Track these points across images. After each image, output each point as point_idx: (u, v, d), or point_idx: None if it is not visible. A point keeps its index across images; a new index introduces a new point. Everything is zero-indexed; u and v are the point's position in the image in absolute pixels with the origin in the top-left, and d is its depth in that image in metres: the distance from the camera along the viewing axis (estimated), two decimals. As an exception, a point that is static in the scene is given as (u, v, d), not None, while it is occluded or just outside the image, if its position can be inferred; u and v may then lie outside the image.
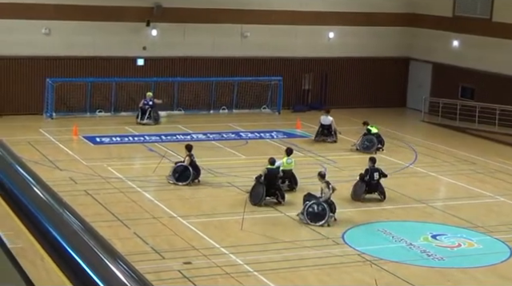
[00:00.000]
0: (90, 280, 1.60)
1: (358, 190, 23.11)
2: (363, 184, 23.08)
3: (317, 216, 20.55)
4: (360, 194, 23.01)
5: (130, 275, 1.61)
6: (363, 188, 23.03)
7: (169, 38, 35.42)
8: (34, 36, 33.39)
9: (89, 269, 1.63)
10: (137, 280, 1.59)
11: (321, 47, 38.13)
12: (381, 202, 22.90)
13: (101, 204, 21.36)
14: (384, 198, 23.19)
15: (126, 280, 1.59)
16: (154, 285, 1.60)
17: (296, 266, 17.50)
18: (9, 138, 26.17)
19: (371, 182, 23.07)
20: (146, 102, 32.57)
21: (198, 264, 17.32)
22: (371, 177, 23.06)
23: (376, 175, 23.13)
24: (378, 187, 23.26)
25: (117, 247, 1.52)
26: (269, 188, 22.20)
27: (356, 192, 23.11)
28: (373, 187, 23.14)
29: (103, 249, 1.69)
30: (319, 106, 37.78)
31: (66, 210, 1.89)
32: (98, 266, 1.64)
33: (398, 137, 32.49)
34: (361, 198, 22.96)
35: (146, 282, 1.57)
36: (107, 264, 1.64)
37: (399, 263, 18.00)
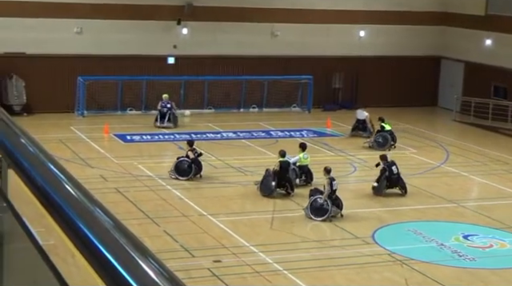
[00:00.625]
0: (121, 276, 1.60)
1: (379, 186, 23.20)
2: (384, 180, 23.19)
3: (320, 210, 20.65)
4: (381, 190, 23.12)
5: (161, 273, 1.60)
6: (384, 184, 23.14)
7: (199, 37, 35.50)
8: (66, 35, 33.64)
9: (119, 266, 1.62)
10: (168, 278, 1.59)
11: (352, 46, 37.99)
12: (409, 201, 22.75)
13: (131, 201, 21.46)
14: (405, 192, 23.27)
15: (157, 277, 1.59)
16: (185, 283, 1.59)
17: (325, 265, 17.46)
18: (40, 136, 26.37)
19: (391, 177, 23.19)
20: (163, 105, 31.76)
21: (228, 262, 17.34)
22: (390, 172, 23.18)
23: (394, 169, 23.28)
24: (399, 181, 23.35)
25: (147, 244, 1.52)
26: (280, 180, 22.61)
27: (377, 188, 23.20)
28: (393, 182, 23.27)
29: (134, 247, 1.69)
30: (349, 105, 37.69)
31: (97, 207, 1.89)
32: (128, 263, 1.63)
33: (429, 137, 32.28)
34: (382, 193, 23.06)
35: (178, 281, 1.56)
36: (138, 261, 1.63)
37: (430, 263, 17.88)
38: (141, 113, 34.46)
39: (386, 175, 23.21)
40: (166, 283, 1.55)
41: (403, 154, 28.83)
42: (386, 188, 23.16)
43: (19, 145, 2.50)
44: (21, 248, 2.62)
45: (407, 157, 28.41)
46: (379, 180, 23.31)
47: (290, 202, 22.16)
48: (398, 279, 16.77)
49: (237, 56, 36.07)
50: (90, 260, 1.70)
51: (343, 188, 24.20)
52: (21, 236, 2.44)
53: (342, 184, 24.52)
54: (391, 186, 23.25)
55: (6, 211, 2.75)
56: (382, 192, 23.11)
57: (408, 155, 28.83)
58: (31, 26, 32.86)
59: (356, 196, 23.57)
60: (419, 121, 35.08)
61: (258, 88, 36.43)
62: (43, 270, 2.14)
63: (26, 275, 2.68)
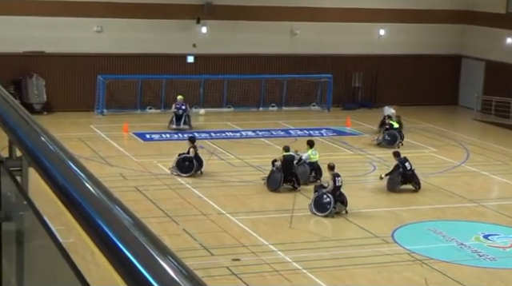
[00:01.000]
0: (140, 275, 1.60)
1: (393, 181, 23.36)
2: (399, 176, 23.32)
3: (322, 206, 20.77)
4: (396, 185, 23.28)
5: (180, 271, 1.60)
6: (399, 180, 23.30)
7: (218, 36, 35.54)
8: (86, 33, 33.79)
9: (139, 264, 1.63)
10: (187, 276, 1.59)
11: (371, 44, 37.88)
12: (429, 200, 22.67)
13: (150, 200, 21.53)
14: (419, 188, 23.37)
15: (177, 276, 1.59)
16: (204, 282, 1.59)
17: (345, 264, 17.43)
18: (60, 134, 26.51)
19: (406, 173, 23.31)
20: (178, 106, 31.06)
21: (247, 260, 17.35)
22: (404, 168, 23.32)
23: (408, 165, 23.39)
24: (414, 177, 23.45)
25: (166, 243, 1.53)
26: (285, 174, 22.89)
27: (391, 184, 23.36)
28: (408, 177, 23.39)
29: (153, 245, 1.69)
30: (369, 104, 37.61)
31: (117, 206, 1.90)
32: (148, 261, 1.64)
33: (449, 136, 32.14)
34: (396, 189, 23.22)
35: (197, 279, 1.56)
36: (157, 259, 1.64)
37: (450, 263, 17.80)
38: (160, 111, 34.54)
39: (400, 171, 23.31)
40: (185, 281, 1.55)
41: (423, 153, 28.74)
42: (400, 184, 23.31)
43: (39, 144, 2.51)
44: (41, 246, 2.63)
45: (427, 156, 28.31)
46: (390, 174, 23.43)
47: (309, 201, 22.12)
48: (418, 278, 16.71)
49: (256, 54, 36.07)
50: (109, 258, 1.70)
51: (363, 187, 24.19)
52: (41, 233, 2.45)
53: (361, 182, 24.53)
54: (405, 182, 23.36)
55: (27, 209, 2.76)
56: (397, 188, 23.25)
57: (428, 154, 28.72)
58: (51, 25, 33.03)
59: (375, 194, 23.51)
60: (439, 119, 34.94)
61: (278, 87, 36.42)
62: (63, 268, 2.15)
63: (46, 272, 2.69)
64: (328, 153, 27.85)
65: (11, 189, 2.98)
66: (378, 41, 38.16)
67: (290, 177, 23.03)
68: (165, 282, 1.56)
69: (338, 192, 21.05)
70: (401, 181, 23.32)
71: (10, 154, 3.01)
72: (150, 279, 1.57)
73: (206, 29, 35.43)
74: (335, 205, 20.81)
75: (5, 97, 3.23)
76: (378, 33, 38.09)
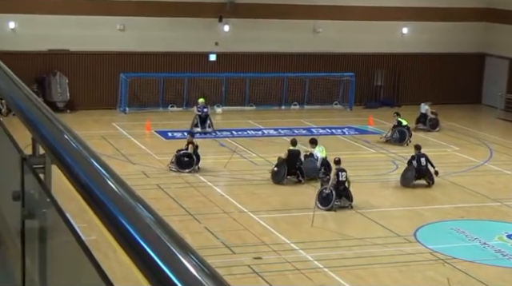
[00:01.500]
0: (162, 272, 1.60)
1: (407, 176, 23.56)
2: (413, 171, 23.50)
3: (325, 200, 21.04)
4: (410, 180, 23.45)
5: (202, 269, 1.60)
6: (413, 175, 23.47)
7: (241, 34, 35.55)
8: (109, 32, 33.92)
9: (160, 262, 1.63)
10: (209, 274, 1.59)
11: (394, 43, 37.74)
12: (451, 199, 22.55)
13: (172, 198, 21.58)
14: (432, 183, 23.55)
15: (198, 274, 1.59)
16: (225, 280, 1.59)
17: (367, 263, 17.38)
18: (83, 132, 26.63)
19: (420, 168, 23.49)
20: (200, 109, 30.28)
21: (268, 259, 17.35)
22: (419, 163, 23.51)
23: (423, 160, 23.58)
24: (427, 173, 23.58)
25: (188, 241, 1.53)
26: (290, 167, 23.40)
27: (405, 179, 23.57)
28: (422, 173, 23.56)
29: (175, 243, 1.69)
30: (391, 103, 37.47)
31: (139, 203, 1.90)
32: (169, 259, 1.64)
33: (472, 134, 31.95)
34: (410, 184, 23.41)
35: (219, 277, 1.56)
36: (179, 257, 1.64)
37: (473, 262, 17.69)
38: (182, 109, 34.61)
39: (414, 166, 23.51)
40: (207, 279, 1.55)
41: (446, 152, 28.59)
42: (414, 180, 23.52)
43: (62, 141, 2.52)
44: (64, 243, 2.64)
45: (450, 155, 28.16)
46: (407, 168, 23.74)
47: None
48: (441, 278, 16.63)
49: (278, 53, 36.04)
50: (131, 256, 1.71)
51: (385, 186, 24.11)
52: (64, 231, 2.46)
53: (383, 181, 24.44)
54: (419, 177, 23.56)
55: (50, 206, 2.77)
56: (411, 183, 23.46)
57: (451, 153, 28.57)
58: (75, 24, 33.20)
59: (398, 193, 23.44)
60: (462, 118, 34.73)
61: (300, 85, 36.38)
62: (85, 265, 2.16)
63: (69, 269, 2.70)
64: (350, 152, 27.79)
65: (34, 187, 2.99)
66: (401, 40, 38.01)
67: (294, 170, 23.53)
68: (187, 280, 1.56)
69: (342, 187, 21.24)
70: (415, 176, 23.54)
71: (33, 152, 3.03)
72: (172, 277, 1.57)
73: (228, 28, 35.45)
74: (339, 200, 21.03)
75: (28, 96, 3.25)
76: (400, 31, 37.93)
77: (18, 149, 3.26)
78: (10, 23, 32.89)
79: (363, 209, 21.18)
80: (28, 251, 3.13)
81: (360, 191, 23.00)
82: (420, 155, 23.80)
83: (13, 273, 3.57)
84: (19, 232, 3.15)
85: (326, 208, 20.94)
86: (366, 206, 21.49)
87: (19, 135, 3.65)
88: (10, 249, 3.86)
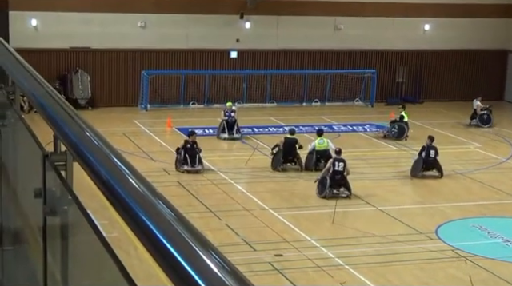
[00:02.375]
0: (183, 269, 1.60)
1: (415, 167, 23.93)
2: (420, 161, 23.87)
3: (323, 188, 21.57)
4: (417, 171, 23.78)
5: (223, 266, 1.60)
6: (420, 165, 23.80)
7: (262, 31, 35.54)
8: (130, 29, 34.04)
9: (181, 259, 1.63)
10: (230, 271, 1.58)
11: (416, 39, 37.58)
12: (473, 196, 22.43)
13: (193, 195, 21.62)
14: (441, 175, 23.81)
15: (219, 271, 1.58)
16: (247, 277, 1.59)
17: (389, 260, 17.33)
18: (105, 129, 26.74)
19: (428, 159, 23.85)
20: (228, 114, 29.02)
21: (289, 256, 17.34)
22: (427, 155, 23.86)
23: (432, 153, 23.91)
24: (436, 164, 23.89)
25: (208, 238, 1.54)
26: (286, 155, 24.39)
27: (413, 169, 23.93)
28: (429, 164, 23.93)
29: (196, 240, 1.69)
30: (413, 99, 37.34)
31: (160, 200, 1.90)
32: (190, 256, 1.64)
33: (494, 131, 31.75)
34: (418, 175, 23.76)
35: (240, 274, 1.55)
36: (200, 254, 1.63)
37: (495, 260, 17.58)
38: (203, 106, 34.67)
39: (422, 158, 23.83)
40: (228, 276, 1.54)
41: (468, 149, 28.44)
42: (422, 170, 23.83)
43: (84, 139, 2.53)
44: (85, 241, 2.65)
45: (472, 152, 28.01)
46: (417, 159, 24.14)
47: (353, 197, 22.05)
48: (462, 275, 16.54)
49: (299, 50, 36.00)
50: (152, 253, 1.71)
51: (406, 183, 24.02)
52: (85, 228, 2.47)
53: (405, 178, 24.34)
54: (427, 168, 23.90)
55: (71, 203, 2.78)
56: (419, 174, 23.82)
57: (473, 150, 28.42)
58: (96, 21, 33.35)
59: (419, 191, 23.34)
60: (484, 115, 34.48)
61: (321, 82, 36.32)
62: (107, 262, 2.16)
63: (90, 266, 2.71)
64: (371, 149, 27.73)
65: (56, 184, 3.00)
66: (423, 36, 37.84)
67: (290, 158, 24.50)
68: (208, 277, 1.56)
69: (339, 176, 21.57)
70: (422, 167, 23.86)
71: (54, 149, 3.04)
72: (193, 274, 1.57)
73: (250, 25, 35.46)
74: (333, 189, 21.45)
75: (50, 93, 3.26)
76: (422, 27, 37.76)
77: (40, 146, 3.27)
78: (33, 21, 33.10)
79: (384, 206, 21.12)
80: (50, 248, 3.14)
81: (381, 188, 22.98)
82: (430, 147, 24.06)
83: (35, 271, 3.59)
84: (41, 230, 3.16)
85: (321, 196, 21.39)
86: (387, 203, 21.42)
87: (41, 132, 3.66)
88: (32, 247, 3.88)
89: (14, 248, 4.61)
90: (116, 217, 1.95)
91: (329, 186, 21.50)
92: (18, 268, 4.38)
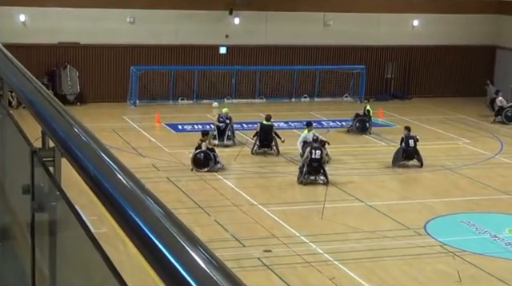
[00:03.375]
0: (170, 265, 1.60)
1: (396, 157, 24.62)
2: (400, 151, 24.66)
3: (300, 174, 22.54)
4: (398, 160, 24.51)
5: (210, 262, 1.61)
6: (400, 155, 24.56)
7: (251, 27, 35.52)
8: (119, 25, 33.95)
9: (169, 255, 1.63)
10: (217, 267, 1.59)
11: (405, 35, 37.64)
12: (462, 192, 22.51)
13: (182, 191, 21.60)
14: (421, 165, 24.57)
15: (207, 267, 1.59)
16: (235, 272, 1.59)
17: (377, 256, 17.37)
18: (93, 125, 26.70)
19: (408, 149, 24.63)
20: (222, 120, 27.43)
21: (278, 252, 17.36)
22: (407, 144, 24.65)
23: (411, 142, 24.69)
24: (415, 154, 24.67)
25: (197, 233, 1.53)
26: (262, 140, 25.71)
27: (395, 159, 24.58)
28: (410, 153, 24.66)
29: (184, 236, 1.70)
30: (401, 95, 37.42)
31: (149, 197, 1.90)
32: (178, 252, 1.64)
33: (483, 127, 31.85)
34: (397, 164, 24.48)
35: (227, 270, 1.56)
36: (188, 250, 1.64)
37: (483, 255, 17.65)
38: (192, 102, 34.64)
39: (403, 147, 24.53)
40: (215, 272, 1.55)
41: (457, 145, 28.53)
42: (402, 160, 24.53)
43: (72, 134, 2.53)
44: (73, 236, 2.65)
45: (461, 148, 28.10)
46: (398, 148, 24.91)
47: (342, 192, 22.10)
48: (451, 271, 16.60)
49: (288, 45, 36.00)
50: (140, 249, 1.71)
51: (395, 179, 24.08)
52: (73, 224, 2.47)
53: (393, 174, 24.39)
54: (408, 158, 24.61)
55: (59, 199, 2.78)
56: (398, 163, 24.49)
57: (462, 145, 28.50)
58: (85, 16, 33.24)
59: (408, 186, 23.40)
60: (473, 111, 34.62)
61: (310, 78, 36.34)
62: (95, 258, 2.16)
63: (78, 262, 2.71)
64: (360, 145, 27.78)
65: (44, 180, 3.00)
66: (412, 32, 37.90)
67: (266, 143, 25.75)
68: (195, 273, 1.56)
69: (316, 164, 22.29)
70: (402, 156, 24.56)
71: (42, 145, 3.03)
72: (181, 269, 1.57)
73: (239, 20, 35.43)
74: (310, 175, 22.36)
75: (38, 88, 3.25)
76: (411, 24, 37.82)
77: (28, 142, 3.26)
78: (21, 16, 32.97)
79: (373, 202, 21.17)
80: (38, 244, 3.14)
81: (370, 184, 23.03)
82: (408, 136, 24.81)
83: (23, 266, 3.59)
84: (29, 226, 3.16)
85: (298, 182, 22.35)
86: (376, 199, 21.48)
87: (29, 128, 3.65)
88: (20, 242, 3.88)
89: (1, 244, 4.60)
90: (105, 213, 1.96)
91: (306, 173, 22.24)
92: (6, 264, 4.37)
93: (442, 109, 34.89)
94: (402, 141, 24.93)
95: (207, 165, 23.64)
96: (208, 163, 23.67)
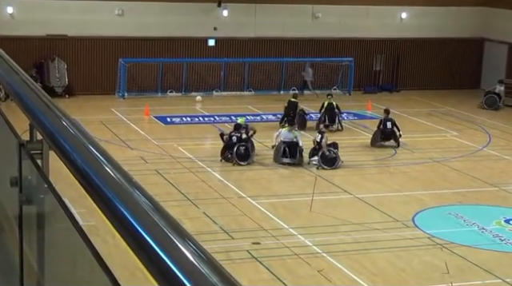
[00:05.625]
0: (159, 258, 1.61)
1: (374, 138, 26.19)
2: (379, 133, 26.20)
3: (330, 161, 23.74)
4: (377, 141, 26.04)
5: (198, 255, 1.61)
6: (379, 136, 26.12)
7: (240, 19, 35.46)
8: (108, 17, 33.83)
9: (158, 248, 1.64)
10: (206, 260, 1.59)
11: (393, 28, 37.67)
12: (450, 184, 22.59)
13: (171, 183, 21.59)
14: (398, 145, 26.01)
15: (195, 259, 1.59)
16: (223, 265, 1.59)
17: (365, 248, 17.42)
18: (82, 117, 26.64)
19: (385, 130, 26.16)
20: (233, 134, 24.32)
21: (267, 244, 17.38)
22: (384, 126, 26.22)
23: (389, 124, 26.26)
24: (392, 136, 26.15)
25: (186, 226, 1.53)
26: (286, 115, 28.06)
27: (373, 140, 26.26)
28: (387, 135, 26.21)
29: (173, 229, 1.70)
30: (390, 88, 37.47)
31: (137, 189, 1.90)
32: (167, 245, 1.65)
33: (471, 120, 31.95)
34: (377, 145, 25.98)
35: (215, 262, 1.56)
36: (176, 243, 1.64)
37: (471, 247, 17.74)
38: (181, 95, 34.60)
39: (380, 128, 26.08)
40: (203, 264, 1.55)
41: (445, 137, 28.61)
42: (380, 141, 26.11)
43: (60, 127, 2.52)
44: (61, 229, 2.65)
45: (449, 140, 28.18)
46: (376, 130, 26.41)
47: (331, 185, 22.15)
48: (438, 262, 16.68)
49: (277, 38, 35.97)
50: (128, 241, 1.71)
51: (384, 171, 24.15)
52: (61, 217, 2.47)
53: (382, 167, 24.46)
54: (385, 139, 26.18)
55: (47, 192, 2.77)
56: (377, 143, 26.07)
57: (450, 138, 28.58)
58: (73, 9, 33.11)
59: (396, 179, 23.47)
60: (461, 103, 34.71)
61: (299, 70, 36.33)
62: (83, 251, 2.16)
63: (66, 255, 2.71)
64: (349, 137, 27.80)
65: (32, 172, 2.99)
66: (400, 25, 37.93)
67: (290, 117, 27.56)
68: (184, 265, 1.56)
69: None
70: (380, 138, 26.18)
71: (30, 137, 3.02)
72: (169, 262, 1.57)
73: (227, 13, 35.36)
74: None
75: (26, 81, 3.24)
76: (399, 16, 37.85)
77: (16, 135, 3.25)
78: (9, 8, 32.81)
79: (362, 194, 21.22)
80: (26, 237, 3.13)
81: (359, 176, 23.07)
82: (387, 119, 26.39)
83: (11, 259, 3.58)
84: (17, 218, 3.15)
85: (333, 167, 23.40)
86: (364, 191, 21.52)
87: (17, 120, 3.64)
88: (8, 235, 3.87)
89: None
90: (94, 206, 1.96)
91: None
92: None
93: (431, 102, 34.97)
94: (381, 123, 26.35)
95: (247, 158, 23.71)
96: (248, 156, 23.73)
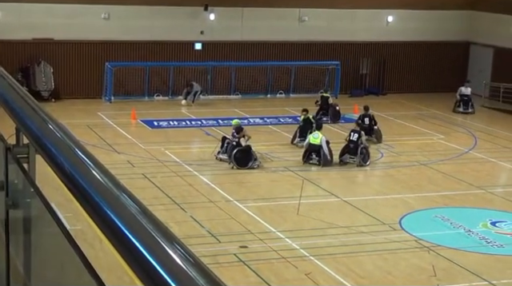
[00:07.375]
0: (146, 262, 1.60)
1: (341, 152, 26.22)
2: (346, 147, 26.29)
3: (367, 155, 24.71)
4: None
5: (186, 258, 1.61)
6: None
7: (226, 23, 35.48)
8: (94, 20, 33.77)
9: (145, 252, 1.63)
10: (193, 263, 1.59)
11: (379, 31, 37.78)
12: (436, 187, 22.65)
13: (158, 187, 21.55)
14: (378, 142, 27.13)
15: (183, 263, 1.59)
16: (211, 268, 1.59)
17: (353, 251, 17.44)
18: (68, 121, 26.57)
19: (363, 126, 26.61)
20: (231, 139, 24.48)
21: (254, 248, 17.38)
22: (362, 121, 27.11)
23: (366, 120, 27.37)
24: (371, 132, 26.99)
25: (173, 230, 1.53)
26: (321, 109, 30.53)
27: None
28: (366, 131, 26.35)
29: (160, 232, 1.70)
30: (377, 91, 37.56)
31: (124, 193, 1.90)
32: (154, 248, 1.64)
33: (457, 123, 32.07)
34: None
35: (203, 266, 1.56)
36: (164, 247, 1.64)
37: (457, 249, 17.80)
38: (168, 98, 34.56)
39: (359, 123, 26.49)
40: (191, 268, 1.55)
41: (431, 140, 28.70)
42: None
43: (46, 131, 2.51)
44: (48, 234, 2.64)
45: (435, 143, 28.27)
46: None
47: (318, 188, 22.17)
48: (425, 265, 16.72)
49: (264, 41, 36.01)
50: (115, 246, 1.71)
51: (370, 174, 24.20)
52: (48, 221, 2.46)
53: (368, 170, 24.51)
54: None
55: (34, 196, 2.76)
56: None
57: (436, 141, 28.68)
58: (59, 12, 33.03)
59: (383, 181, 23.52)
60: (447, 106, 34.84)
61: (285, 74, 36.37)
62: (70, 255, 2.16)
63: (54, 260, 2.70)
64: (336, 140, 27.82)
65: (18, 176, 2.98)
66: (386, 28, 38.05)
67: (323, 111, 30.30)
68: (171, 269, 1.56)
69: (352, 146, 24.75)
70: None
71: (17, 141, 3.01)
72: (157, 266, 1.57)
73: (214, 16, 35.37)
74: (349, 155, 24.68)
75: (12, 85, 3.23)
76: (386, 19, 37.96)
77: (2, 139, 3.24)
78: (-6, 12, 32.69)
79: (349, 197, 21.25)
80: (12, 241, 3.12)
81: (346, 179, 23.11)
82: (365, 115, 27.59)
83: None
84: (3, 223, 3.14)
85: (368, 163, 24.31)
86: (351, 194, 21.56)
87: (3, 125, 3.63)
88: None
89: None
90: (81, 210, 1.95)
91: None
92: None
93: (417, 105, 35.09)
94: (359, 118, 27.33)
95: (247, 164, 23.64)
96: (248, 161, 23.66)
